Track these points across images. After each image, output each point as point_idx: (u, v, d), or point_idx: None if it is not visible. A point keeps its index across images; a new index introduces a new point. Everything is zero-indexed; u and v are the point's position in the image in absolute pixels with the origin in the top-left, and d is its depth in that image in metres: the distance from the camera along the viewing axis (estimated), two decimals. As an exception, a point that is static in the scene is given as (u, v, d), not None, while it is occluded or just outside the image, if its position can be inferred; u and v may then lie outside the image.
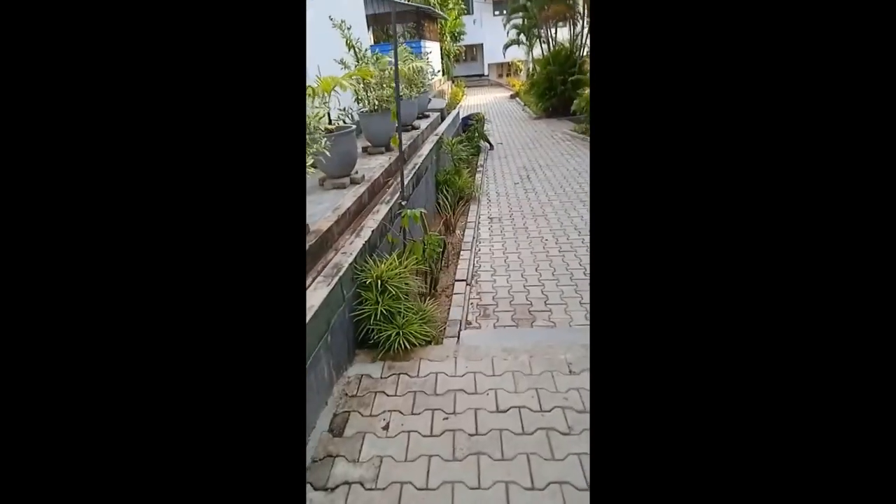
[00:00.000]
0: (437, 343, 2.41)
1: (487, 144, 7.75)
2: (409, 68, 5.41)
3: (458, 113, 7.38)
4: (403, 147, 3.81)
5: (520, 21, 12.09)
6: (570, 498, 1.37)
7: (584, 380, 1.88)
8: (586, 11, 10.36)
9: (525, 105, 12.60)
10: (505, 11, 12.79)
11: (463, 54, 23.97)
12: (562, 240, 3.81)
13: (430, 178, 4.37)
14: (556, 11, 8.49)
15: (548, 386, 1.86)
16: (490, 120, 8.38)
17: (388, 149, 3.96)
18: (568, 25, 10.77)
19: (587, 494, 1.37)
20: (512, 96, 15.23)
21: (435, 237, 2.85)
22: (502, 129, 9.89)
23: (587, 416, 1.69)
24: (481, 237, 4.01)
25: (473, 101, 16.10)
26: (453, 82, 18.56)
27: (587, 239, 3.78)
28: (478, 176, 5.91)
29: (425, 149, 4.40)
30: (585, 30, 9.62)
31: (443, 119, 6.69)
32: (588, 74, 8.71)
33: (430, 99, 7.62)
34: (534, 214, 4.48)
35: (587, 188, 5.19)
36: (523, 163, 6.65)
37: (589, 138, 7.62)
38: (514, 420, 1.69)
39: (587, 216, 4.32)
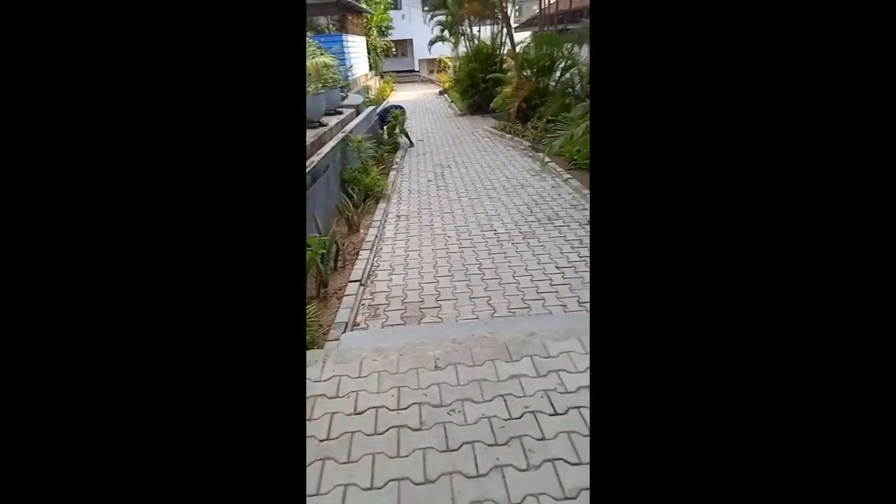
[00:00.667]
0: (317, 347, 2.35)
1: (407, 141, 7.73)
2: (311, 63, 5.24)
3: (375, 109, 7.28)
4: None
5: (443, 17, 12.15)
6: (406, 497, 1.39)
7: (448, 374, 1.93)
8: (510, 10, 10.66)
9: (452, 102, 12.74)
10: (426, 8, 12.76)
11: (394, 50, 23.76)
12: (463, 236, 3.89)
13: (332, 176, 4.27)
14: (473, 10, 8.65)
15: (410, 383, 1.88)
16: (409, 117, 8.35)
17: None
18: (491, 24, 11.01)
19: (427, 487, 1.40)
20: (440, 93, 15.33)
21: (317, 239, 2.78)
22: (426, 125, 9.92)
23: (442, 410, 1.73)
24: (385, 236, 3.99)
25: (402, 97, 15.99)
26: (381, 77, 18.31)
27: (486, 234, 3.89)
28: (392, 173, 5.87)
29: (326, 148, 4.28)
30: (506, 29, 9.87)
31: (357, 114, 6.56)
32: (507, 73, 8.97)
33: (343, 95, 7.45)
34: (441, 211, 4.52)
35: (496, 184, 5.34)
36: (440, 160, 6.71)
37: (506, 135, 7.86)
38: (369, 421, 1.69)
39: (491, 211, 4.44)
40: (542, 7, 8.78)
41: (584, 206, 4.46)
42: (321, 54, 5.56)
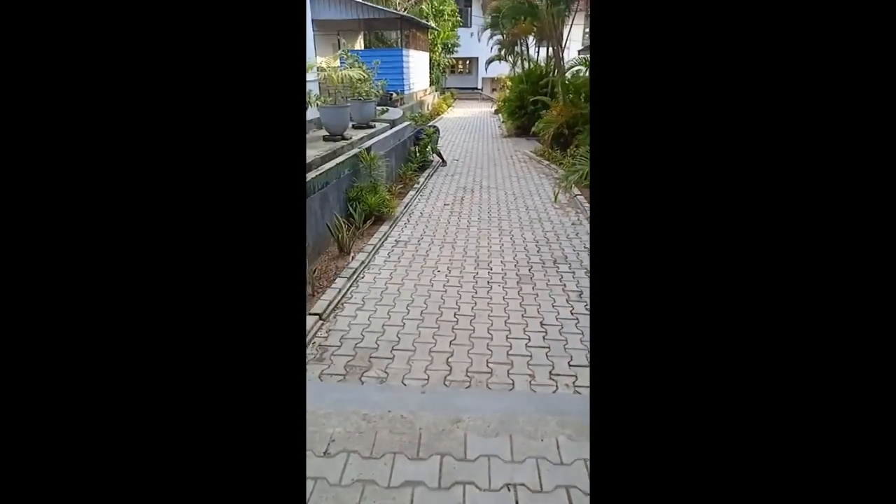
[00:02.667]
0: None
1: (440, 160, 7.55)
2: (339, 75, 5.22)
3: (413, 125, 7.18)
4: (308, 160, 3.64)
5: (501, 37, 11.98)
6: None
7: (334, 466, 1.62)
8: (567, 33, 10.26)
9: (503, 122, 12.46)
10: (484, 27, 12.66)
11: (462, 67, 24.04)
12: (455, 273, 3.56)
13: (333, 193, 4.14)
14: (523, 30, 8.37)
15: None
16: (453, 134, 8.16)
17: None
18: (546, 45, 10.66)
19: None
20: (495, 112, 15.11)
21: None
22: (469, 144, 9.71)
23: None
24: (373, 263, 3.77)
25: (458, 113, 16.00)
26: (442, 93, 18.48)
27: (480, 273, 3.53)
28: (412, 193, 5.68)
29: (329, 164, 4.17)
30: (564, 52, 9.47)
31: (392, 128, 6.49)
32: (554, 98, 8.54)
33: (383, 109, 7.44)
34: (443, 241, 4.23)
35: (514, 214, 4.96)
36: (466, 182, 6.43)
37: (544, 161, 7.43)
38: None
39: (496, 245, 4.08)
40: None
41: (602, 251, 3.96)
42: (355, 67, 5.53)
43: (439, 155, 7.56)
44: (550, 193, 5.78)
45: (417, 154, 6.94)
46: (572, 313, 2.94)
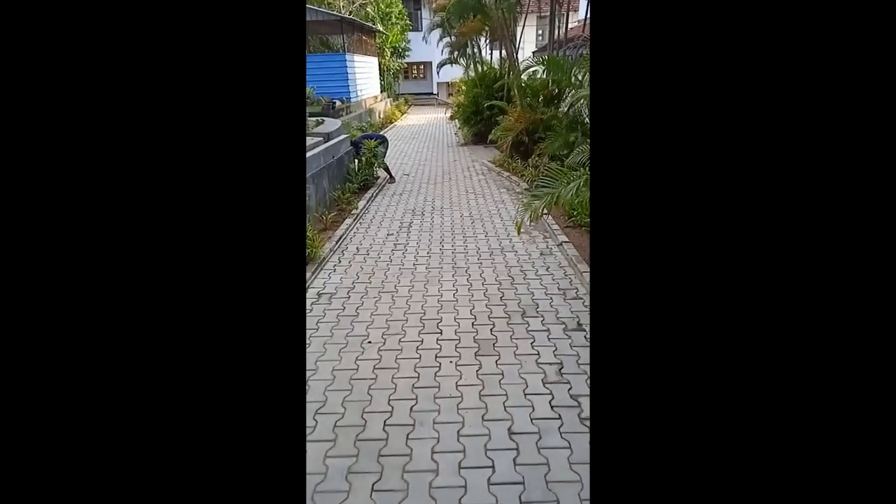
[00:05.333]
0: None
1: (387, 176, 6.63)
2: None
3: (343, 139, 6.21)
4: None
5: (451, 39, 11.22)
6: None
7: None
8: (521, 33, 9.63)
9: (459, 128, 11.72)
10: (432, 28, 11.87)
11: (416, 72, 23.24)
12: (390, 342, 2.64)
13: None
14: (472, 28, 7.64)
15: None
16: (396, 144, 7.26)
17: None
18: (499, 46, 9.99)
19: None
20: (451, 118, 14.36)
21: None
22: (422, 154, 8.84)
23: None
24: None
25: (412, 120, 15.15)
26: (395, 100, 17.58)
27: (426, 339, 2.63)
28: (348, 221, 4.72)
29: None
30: (518, 53, 8.77)
31: (326, 142, 5.51)
32: (511, 102, 7.83)
33: (318, 121, 6.45)
34: (381, 289, 3.30)
35: (472, 244, 4.10)
36: (417, 203, 5.53)
37: (504, 172, 6.66)
38: None
39: (449, 291, 3.19)
40: (555, 30, 7.65)
41: (579, 289, 3.15)
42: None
43: (387, 170, 6.64)
44: (513, 212, 4.98)
45: (358, 172, 5.99)
46: (552, 406, 2.09)
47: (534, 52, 13.72)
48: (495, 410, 2.07)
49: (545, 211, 2.94)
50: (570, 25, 8.94)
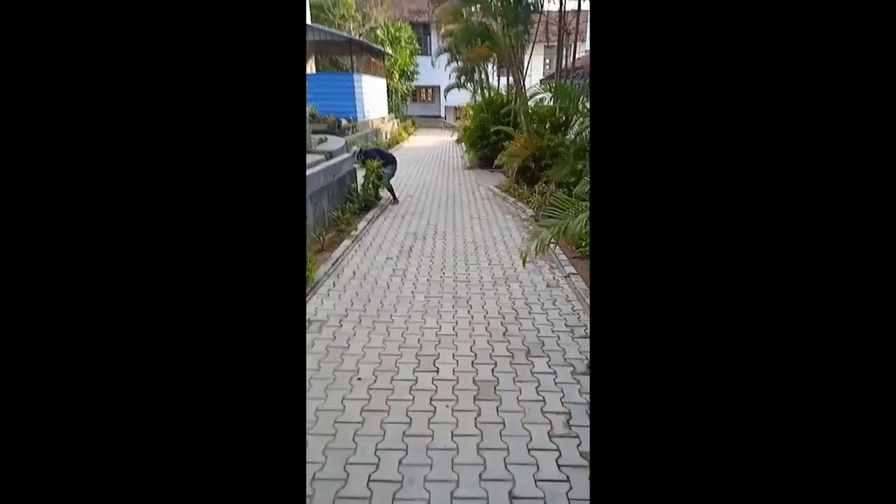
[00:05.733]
0: None
1: (391, 197, 6.51)
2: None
3: (345, 158, 6.11)
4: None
5: (458, 64, 11.33)
6: None
7: None
8: (528, 61, 9.70)
9: (465, 151, 11.71)
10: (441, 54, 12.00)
11: (425, 95, 23.58)
12: (382, 381, 2.43)
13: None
14: (479, 54, 7.66)
15: None
16: (400, 165, 7.17)
17: None
18: (507, 73, 10.05)
19: None
20: (457, 141, 14.41)
21: None
22: (427, 176, 8.76)
23: None
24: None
25: (419, 142, 15.21)
26: (403, 121, 17.72)
27: (420, 378, 2.41)
28: (346, 244, 4.55)
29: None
30: (525, 80, 8.78)
31: (328, 160, 5.41)
32: (517, 128, 7.78)
33: (315, 138, 6.38)
34: (376, 319, 3.10)
35: (475, 272, 3.91)
36: (419, 226, 5.38)
37: (509, 197, 6.53)
38: None
39: (448, 325, 2.98)
40: (563, 59, 7.66)
41: (588, 327, 2.94)
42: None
43: (390, 191, 6.52)
44: (518, 239, 4.81)
45: (360, 192, 5.86)
46: (560, 467, 1.85)
47: (541, 80, 13.84)
48: (495, 468, 1.84)
49: (552, 242, 2.77)
50: (578, 55, 9.00)
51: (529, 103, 7.27)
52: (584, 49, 10.48)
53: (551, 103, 6.72)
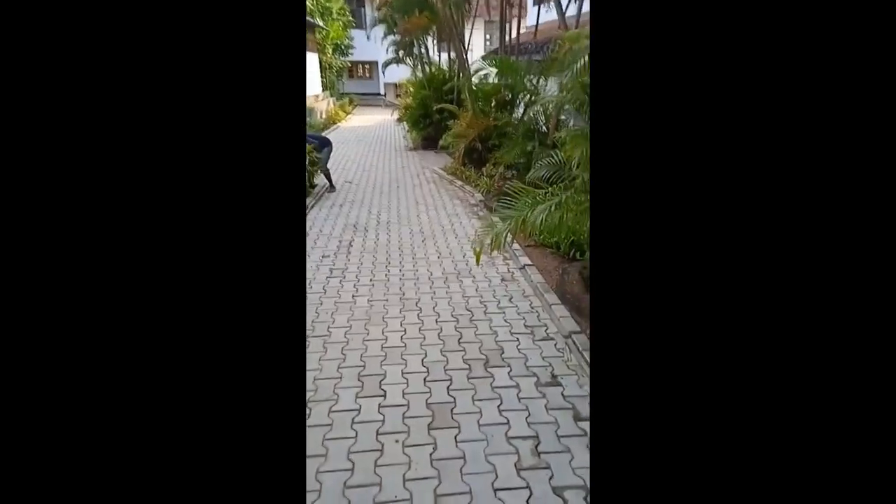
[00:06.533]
0: None
1: (327, 183, 5.93)
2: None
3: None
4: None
5: (397, 38, 10.64)
6: None
7: None
8: (469, 36, 9.24)
9: (408, 131, 11.16)
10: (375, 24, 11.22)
11: (363, 71, 22.35)
12: (318, 413, 2.03)
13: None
14: (417, 24, 7.11)
15: None
16: (338, 147, 6.57)
17: None
18: (448, 47, 9.56)
19: None
20: (398, 120, 13.76)
21: None
22: (369, 159, 8.18)
23: None
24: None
25: (358, 121, 14.37)
26: (339, 99, 16.65)
27: (368, 407, 2.04)
28: (276, 241, 4.00)
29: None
30: (469, 54, 8.33)
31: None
32: (462, 106, 7.40)
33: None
34: (311, 333, 2.66)
35: (423, 267, 3.56)
36: (359, 216, 4.90)
37: (456, 181, 6.19)
38: None
39: (395, 334, 2.62)
40: (505, 36, 7.30)
41: (548, 326, 2.71)
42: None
43: (327, 177, 5.93)
44: (468, 227, 4.51)
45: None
46: (532, 510, 1.59)
47: (482, 57, 13.45)
48: (457, 523, 1.53)
49: (509, 238, 2.47)
50: (521, 30, 8.68)
51: (473, 80, 6.88)
52: (525, 25, 10.16)
53: (496, 80, 6.39)
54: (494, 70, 5.84)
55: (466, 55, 7.31)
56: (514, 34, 8.06)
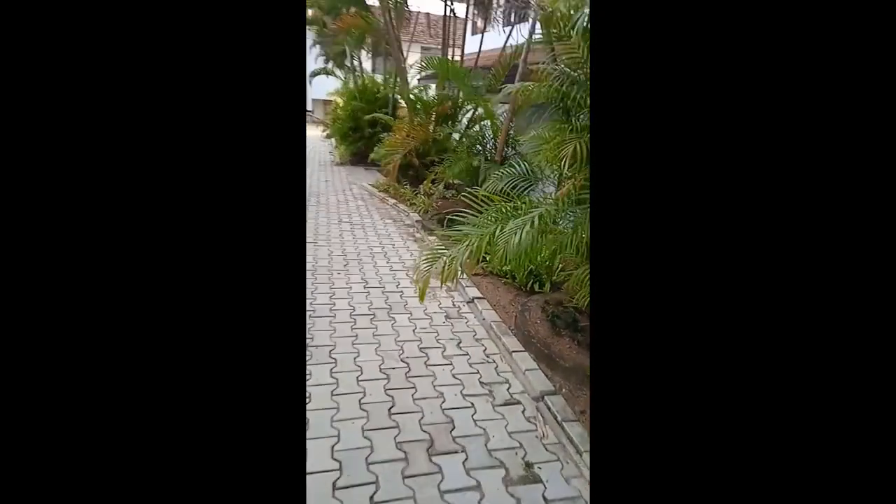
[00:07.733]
0: None
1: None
2: None
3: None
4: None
5: (328, 45, 9.85)
6: None
7: None
8: (406, 54, 8.74)
9: (335, 146, 10.26)
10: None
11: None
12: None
13: None
14: (349, 23, 6.44)
15: None
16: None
17: None
18: (384, 59, 8.97)
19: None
20: (327, 136, 12.77)
21: None
22: (286, 172, 7.14)
23: None
24: None
25: (280, 134, 13.09)
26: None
27: None
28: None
29: None
30: (408, 62, 7.74)
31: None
32: (398, 118, 6.76)
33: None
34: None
35: (343, 301, 2.72)
36: (267, 234, 3.94)
37: (389, 199, 5.45)
38: None
39: (322, 396, 1.76)
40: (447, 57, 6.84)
41: (511, 383, 2.02)
42: None
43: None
44: (402, 251, 3.76)
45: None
46: None
47: (419, 79, 13.07)
48: None
49: (461, 266, 1.78)
50: (458, 56, 8.37)
51: (410, 97, 6.29)
52: (458, 54, 9.81)
53: (434, 92, 5.85)
54: (433, 85, 5.30)
55: (405, 63, 6.72)
56: (457, 58, 7.70)
